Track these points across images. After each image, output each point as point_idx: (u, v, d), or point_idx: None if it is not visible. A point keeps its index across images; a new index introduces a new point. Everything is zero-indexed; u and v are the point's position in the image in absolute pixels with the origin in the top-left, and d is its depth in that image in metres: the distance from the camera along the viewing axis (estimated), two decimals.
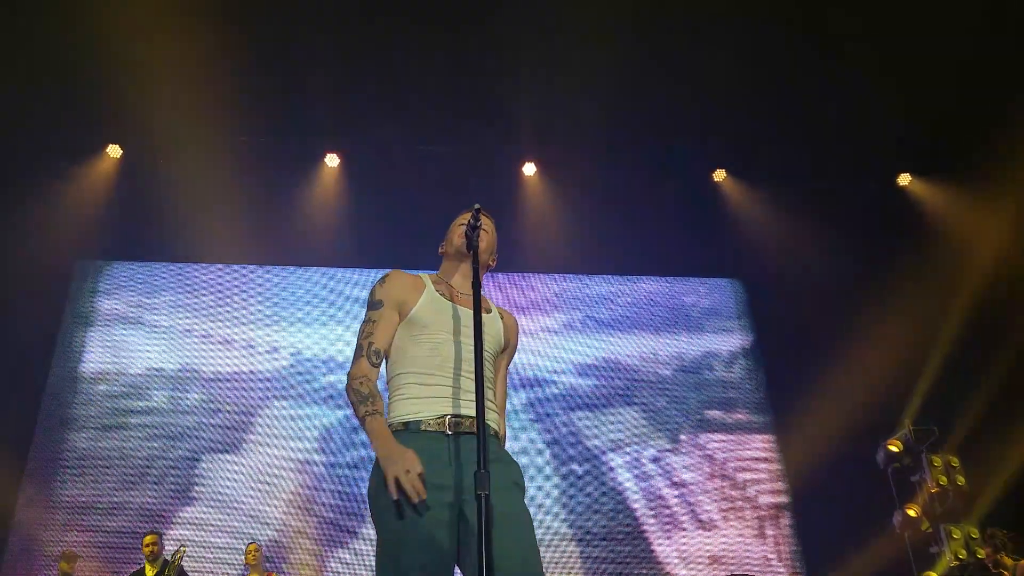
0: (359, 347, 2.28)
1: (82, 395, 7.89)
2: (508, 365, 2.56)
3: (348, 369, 2.27)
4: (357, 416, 2.16)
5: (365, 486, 2.22)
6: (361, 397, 2.16)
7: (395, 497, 1.97)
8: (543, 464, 8.04)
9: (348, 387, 2.21)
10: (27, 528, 7.26)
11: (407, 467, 1.96)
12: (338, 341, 8.32)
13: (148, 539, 6.26)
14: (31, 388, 7.79)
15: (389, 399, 2.27)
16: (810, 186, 8.81)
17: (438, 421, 2.16)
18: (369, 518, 2.04)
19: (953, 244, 8.20)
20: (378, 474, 2.09)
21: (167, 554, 6.28)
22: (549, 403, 8.38)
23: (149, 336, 8.22)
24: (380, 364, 2.28)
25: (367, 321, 2.32)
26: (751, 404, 8.61)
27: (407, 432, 2.16)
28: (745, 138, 8.46)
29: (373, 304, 2.34)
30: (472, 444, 2.08)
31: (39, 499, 7.39)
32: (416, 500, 1.95)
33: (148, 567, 6.19)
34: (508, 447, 2.41)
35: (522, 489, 2.23)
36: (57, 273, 8.15)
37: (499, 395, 2.46)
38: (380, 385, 2.26)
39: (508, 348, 2.52)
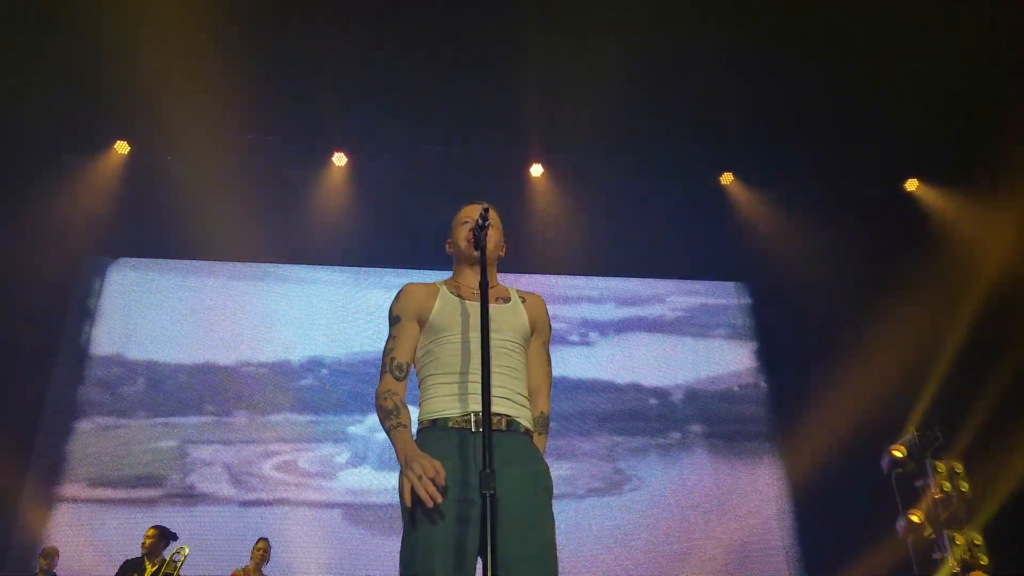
0: (383, 364, 2.37)
1: (87, 390, 7.90)
2: (545, 343, 2.57)
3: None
4: (384, 430, 2.24)
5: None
6: (386, 412, 2.25)
7: (408, 505, 2.01)
8: None
9: (376, 404, 2.30)
10: (30, 524, 7.27)
11: (420, 473, 2.00)
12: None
13: (149, 532, 6.11)
14: (36, 384, 7.79)
15: (420, 400, 2.35)
16: (816, 190, 8.80)
17: (463, 418, 2.21)
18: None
19: (959, 250, 8.18)
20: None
21: (165, 555, 6.05)
22: None
23: (153, 332, 8.24)
24: (404, 376, 2.37)
25: (389, 338, 2.41)
26: (753, 407, 8.58)
27: (434, 428, 2.24)
28: (752, 142, 8.46)
29: (392, 320, 2.44)
30: (497, 440, 2.14)
31: (43, 494, 7.40)
32: (430, 505, 1.98)
33: (147, 562, 6.02)
34: None
35: (548, 492, 2.25)
36: (63, 269, 8.15)
37: (539, 378, 2.49)
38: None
39: (537, 329, 2.53)
